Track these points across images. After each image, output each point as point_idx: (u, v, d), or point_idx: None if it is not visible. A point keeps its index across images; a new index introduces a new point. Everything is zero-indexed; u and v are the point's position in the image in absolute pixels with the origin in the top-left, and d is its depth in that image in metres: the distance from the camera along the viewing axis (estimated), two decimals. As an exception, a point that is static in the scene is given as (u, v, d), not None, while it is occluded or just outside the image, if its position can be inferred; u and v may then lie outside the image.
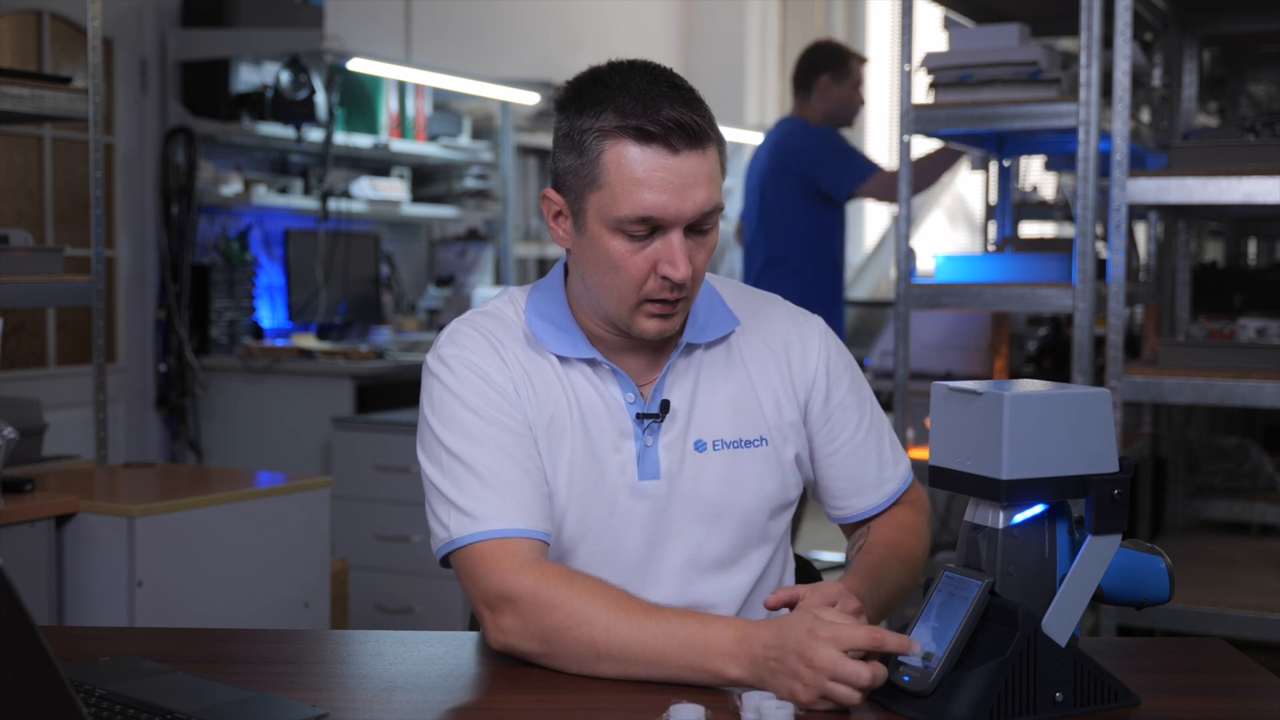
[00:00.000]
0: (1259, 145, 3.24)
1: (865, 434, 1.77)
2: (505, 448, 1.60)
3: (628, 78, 1.58)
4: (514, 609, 1.51)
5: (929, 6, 4.11)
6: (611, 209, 1.56)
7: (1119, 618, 3.28)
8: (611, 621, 1.46)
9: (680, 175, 1.55)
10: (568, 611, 1.48)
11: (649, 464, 1.67)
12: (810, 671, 1.35)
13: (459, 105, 6.00)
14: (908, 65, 3.30)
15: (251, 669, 1.54)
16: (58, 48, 4.56)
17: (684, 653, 1.43)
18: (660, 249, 1.57)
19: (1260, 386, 3.05)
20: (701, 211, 1.57)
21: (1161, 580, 1.50)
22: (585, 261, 1.63)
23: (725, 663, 1.41)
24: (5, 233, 3.07)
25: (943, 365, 4.39)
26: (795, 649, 1.36)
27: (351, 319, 5.35)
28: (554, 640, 1.49)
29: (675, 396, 1.69)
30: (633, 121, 1.54)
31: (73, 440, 3.94)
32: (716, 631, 1.43)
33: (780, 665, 1.37)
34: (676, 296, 1.60)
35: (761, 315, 1.77)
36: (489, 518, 1.56)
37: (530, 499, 1.58)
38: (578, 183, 1.59)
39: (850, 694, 1.34)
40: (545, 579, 1.51)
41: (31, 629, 1.10)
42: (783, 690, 1.37)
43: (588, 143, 1.57)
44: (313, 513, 3.03)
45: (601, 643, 1.46)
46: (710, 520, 1.68)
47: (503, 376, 1.64)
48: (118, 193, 4.76)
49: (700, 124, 1.56)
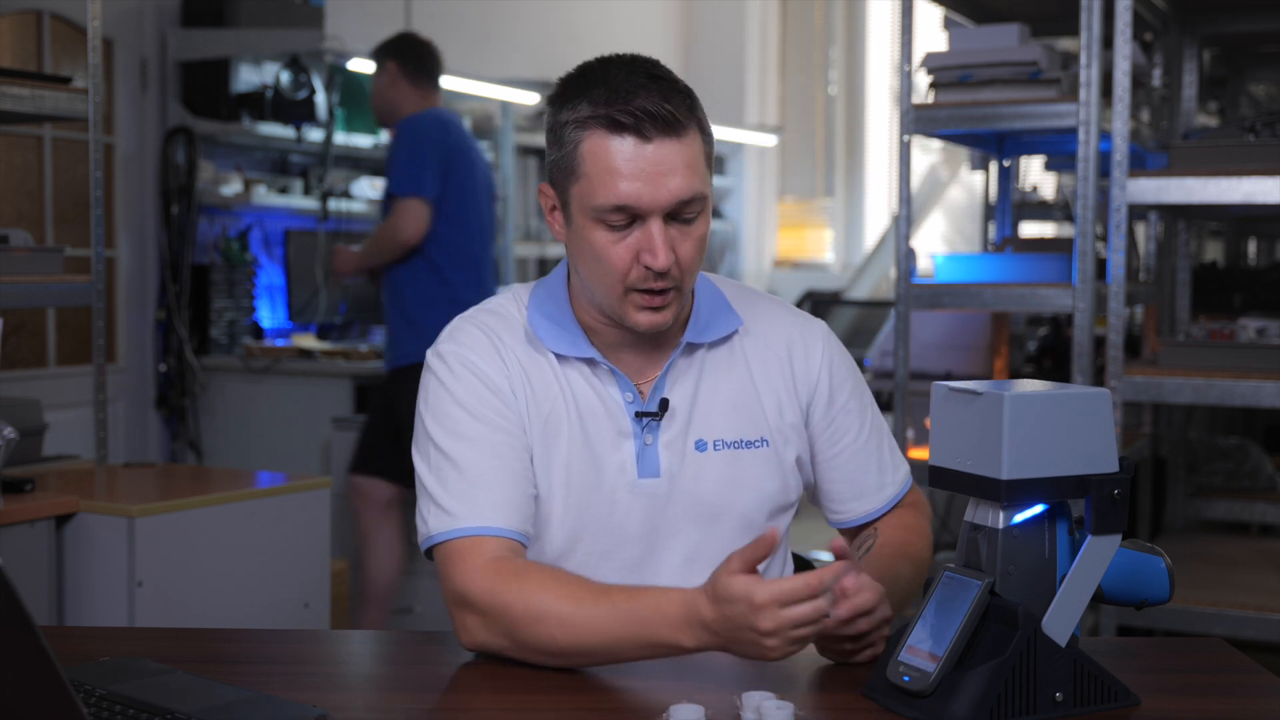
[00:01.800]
0: (1259, 145, 3.24)
1: (866, 439, 1.77)
2: (494, 446, 1.61)
3: (607, 69, 1.59)
4: (474, 610, 1.53)
5: (929, 6, 4.11)
6: (589, 199, 1.58)
7: (1119, 618, 3.28)
8: (565, 614, 1.48)
9: (654, 163, 1.55)
10: (521, 610, 1.50)
11: (649, 462, 1.67)
12: (769, 638, 1.37)
13: (459, 105, 6.00)
14: (908, 65, 3.30)
15: (251, 669, 1.54)
16: (58, 48, 4.56)
17: (637, 633, 1.46)
18: (640, 238, 1.58)
19: (1260, 386, 3.05)
20: (678, 199, 1.57)
21: (1161, 580, 1.50)
22: (575, 254, 1.64)
23: (678, 635, 1.44)
24: (5, 233, 3.07)
25: (943, 365, 4.40)
26: (745, 624, 1.38)
27: (351, 319, 5.35)
28: (515, 638, 1.51)
29: (676, 395, 1.69)
30: (604, 110, 1.56)
31: (73, 440, 3.94)
32: (662, 607, 1.45)
33: (739, 637, 1.40)
34: (663, 286, 1.60)
35: (764, 316, 1.76)
36: (465, 515, 1.58)
37: (510, 499, 1.60)
38: (561, 175, 1.61)
39: (815, 629, 1.38)
40: (500, 579, 1.52)
41: (31, 629, 1.10)
42: (749, 654, 1.41)
43: (566, 135, 1.59)
44: (313, 513, 3.03)
45: (560, 637, 1.48)
46: (709, 520, 1.68)
47: (499, 375, 1.65)
48: (118, 193, 4.76)
49: (673, 112, 1.56)
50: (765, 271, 8.78)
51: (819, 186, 9.35)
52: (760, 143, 8.08)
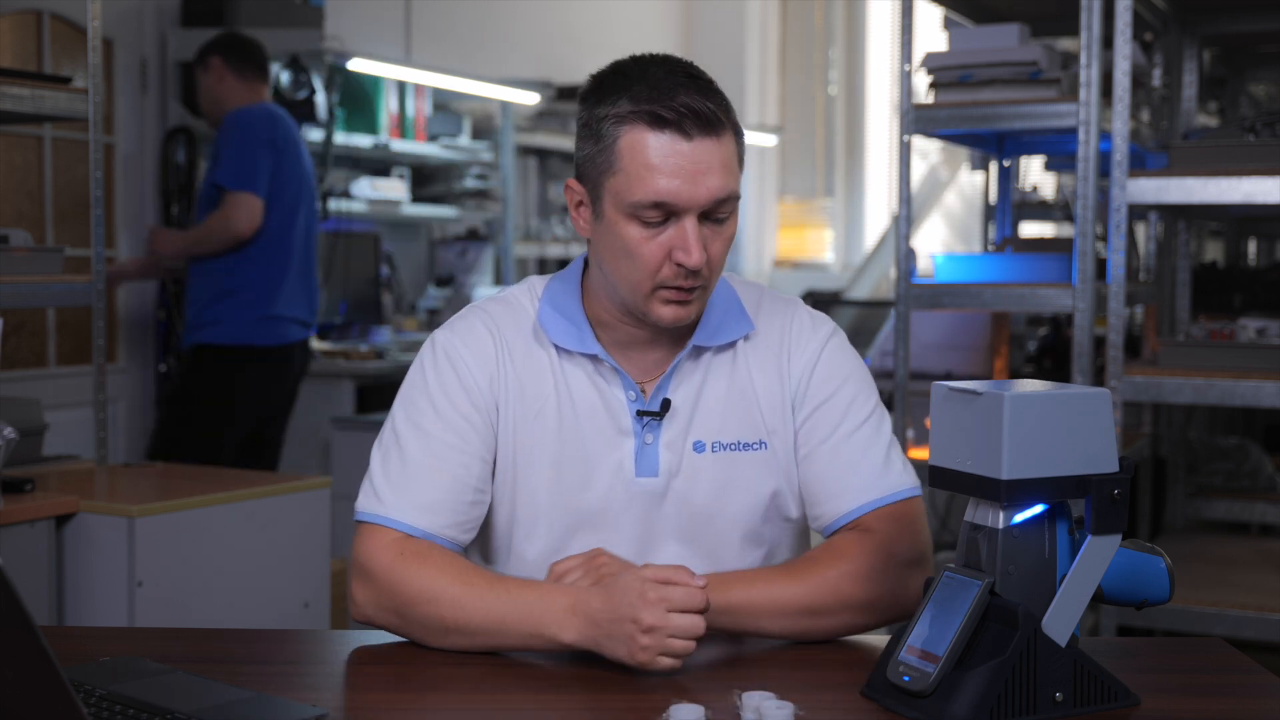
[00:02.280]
0: (1259, 145, 3.24)
1: (846, 438, 1.68)
2: (445, 447, 1.65)
3: (645, 67, 1.60)
4: (370, 584, 1.60)
5: (929, 6, 4.11)
6: (626, 194, 1.58)
7: (1119, 618, 3.28)
8: (457, 596, 1.54)
9: (694, 161, 1.56)
10: (417, 589, 1.56)
11: (647, 461, 1.67)
12: (646, 635, 1.43)
13: (459, 105, 6.00)
14: (908, 65, 3.30)
15: (251, 669, 1.54)
16: (58, 48, 4.56)
17: (522, 620, 1.51)
18: (674, 235, 1.58)
19: (1260, 386, 3.05)
20: (715, 198, 1.57)
21: (1161, 580, 1.50)
22: (603, 249, 1.64)
23: (559, 629, 1.50)
24: (5, 233, 3.07)
25: (943, 365, 4.40)
26: (629, 615, 1.44)
27: (351, 319, 5.35)
28: (405, 615, 1.58)
29: (679, 396, 1.69)
30: (646, 107, 1.56)
31: (73, 440, 3.94)
32: (551, 599, 1.52)
33: (616, 629, 1.46)
34: (692, 284, 1.60)
35: (770, 318, 1.75)
36: (393, 506, 1.63)
37: (440, 501, 1.63)
38: (595, 170, 1.61)
39: (687, 645, 1.44)
40: (403, 557, 1.59)
41: (31, 629, 1.10)
42: (619, 652, 1.46)
43: (604, 129, 1.59)
44: (313, 513, 3.03)
45: (449, 617, 1.55)
46: (704, 521, 1.68)
47: (481, 372, 1.67)
48: (118, 193, 4.76)
49: (715, 111, 1.57)
50: (765, 271, 8.79)
51: (819, 186, 9.36)
52: (760, 143, 8.09)
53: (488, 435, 1.67)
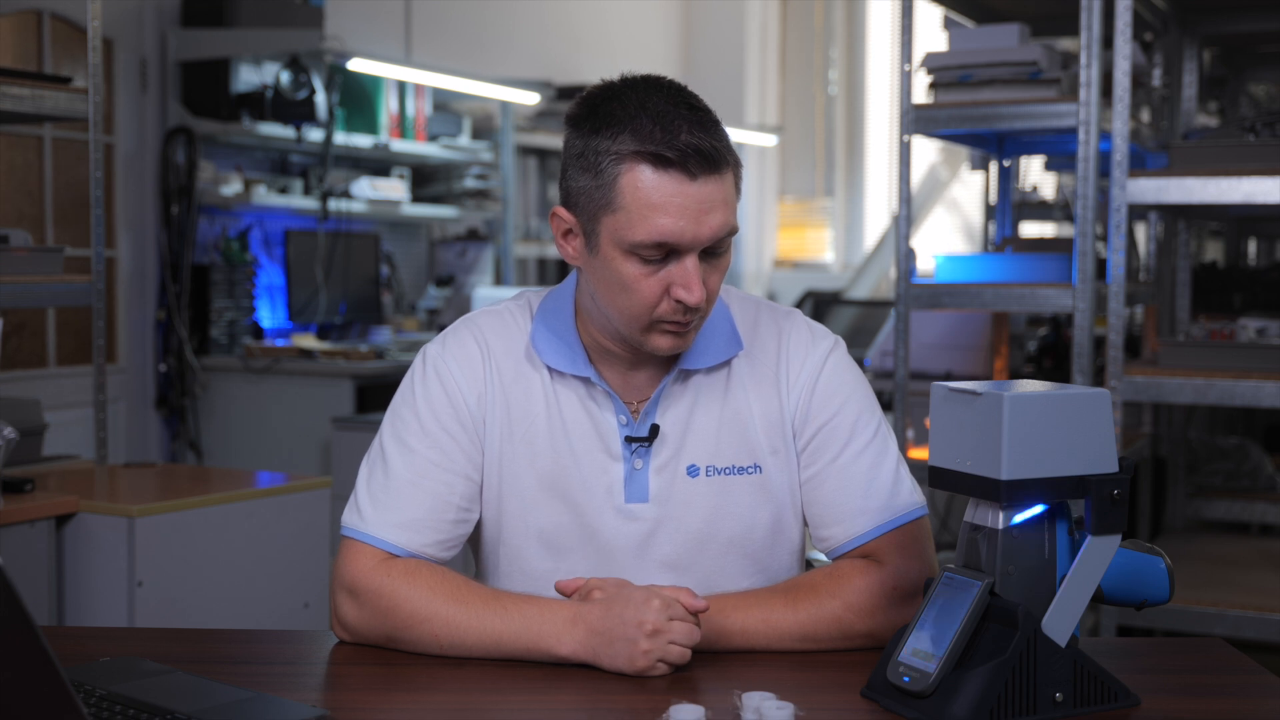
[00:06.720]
0: (1259, 145, 3.24)
1: (852, 461, 1.66)
2: (430, 464, 1.64)
3: (644, 97, 1.54)
4: (359, 604, 1.59)
5: (929, 6, 4.11)
6: (626, 233, 1.54)
7: (1119, 618, 3.28)
8: (451, 615, 1.54)
9: (697, 201, 1.53)
10: (409, 611, 1.56)
11: (637, 487, 1.65)
12: (647, 638, 1.45)
13: (459, 105, 6.00)
14: (908, 65, 3.30)
15: (251, 669, 1.54)
16: (58, 48, 4.56)
17: (519, 636, 1.52)
18: (675, 272, 1.55)
19: (1260, 386, 3.05)
20: (717, 236, 1.55)
21: (1161, 580, 1.50)
22: (597, 282, 1.60)
23: (557, 642, 1.50)
24: (5, 233, 3.07)
25: (943, 365, 4.40)
26: (634, 619, 1.46)
27: (351, 319, 5.35)
28: (397, 638, 1.57)
29: (668, 420, 1.66)
30: (650, 147, 1.52)
31: (73, 440, 3.94)
32: (552, 612, 1.52)
33: (617, 635, 1.47)
34: (689, 319, 1.58)
35: (767, 333, 1.72)
36: (374, 523, 1.62)
37: (421, 520, 1.63)
38: (591, 204, 1.56)
39: (683, 652, 1.47)
40: (390, 577, 1.58)
41: (31, 629, 1.10)
42: (619, 660, 1.47)
43: (604, 165, 1.54)
44: (312, 513, 3.03)
45: (443, 635, 1.55)
46: (698, 545, 1.66)
47: (470, 389, 1.66)
48: (118, 193, 4.76)
49: (718, 149, 1.53)
50: (765, 271, 8.79)
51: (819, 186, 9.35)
52: (760, 143, 8.08)
53: (474, 453, 1.65)
